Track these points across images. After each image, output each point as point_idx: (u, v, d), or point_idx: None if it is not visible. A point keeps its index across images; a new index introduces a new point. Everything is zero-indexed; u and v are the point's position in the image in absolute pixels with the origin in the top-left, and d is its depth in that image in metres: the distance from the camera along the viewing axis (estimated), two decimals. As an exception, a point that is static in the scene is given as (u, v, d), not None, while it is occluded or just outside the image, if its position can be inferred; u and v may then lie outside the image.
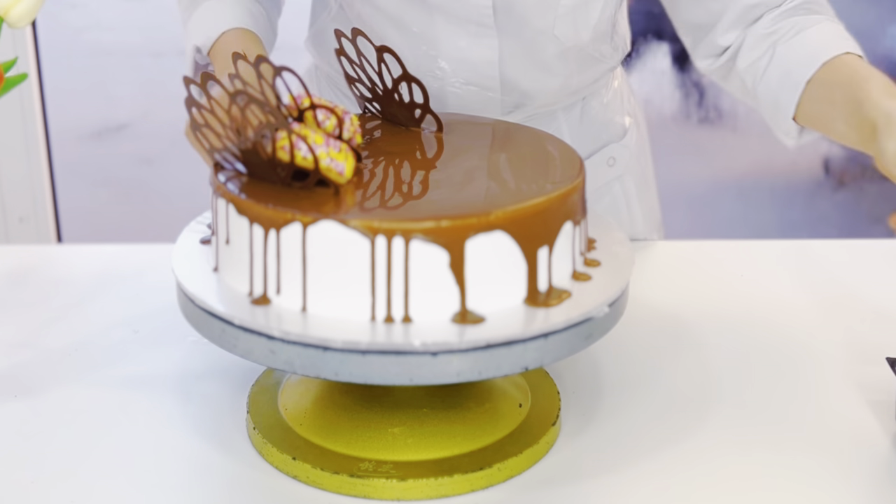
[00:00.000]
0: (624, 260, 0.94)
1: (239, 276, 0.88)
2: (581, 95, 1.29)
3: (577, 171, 0.93)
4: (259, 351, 0.83)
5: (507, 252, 0.85)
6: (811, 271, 1.26)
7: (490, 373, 0.83)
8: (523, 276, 0.86)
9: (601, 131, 1.32)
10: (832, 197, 3.42)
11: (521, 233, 0.85)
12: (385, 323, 0.83)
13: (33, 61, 2.35)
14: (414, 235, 0.82)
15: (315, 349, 0.82)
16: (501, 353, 0.82)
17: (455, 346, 0.81)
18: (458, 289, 0.84)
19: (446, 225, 0.82)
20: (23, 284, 1.22)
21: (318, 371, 0.82)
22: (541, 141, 1.01)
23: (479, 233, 0.83)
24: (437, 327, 0.83)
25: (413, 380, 0.82)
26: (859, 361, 1.07)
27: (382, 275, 0.83)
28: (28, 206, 2.41)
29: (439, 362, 0.81)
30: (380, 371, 0.82)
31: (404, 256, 0.82)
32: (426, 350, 0.81)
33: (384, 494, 0.88)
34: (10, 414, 0.99)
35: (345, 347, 0.81)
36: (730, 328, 1.14)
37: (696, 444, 0.95)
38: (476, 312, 0.84)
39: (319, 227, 0.83)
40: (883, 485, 0.91)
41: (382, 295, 0.83)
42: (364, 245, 0.82)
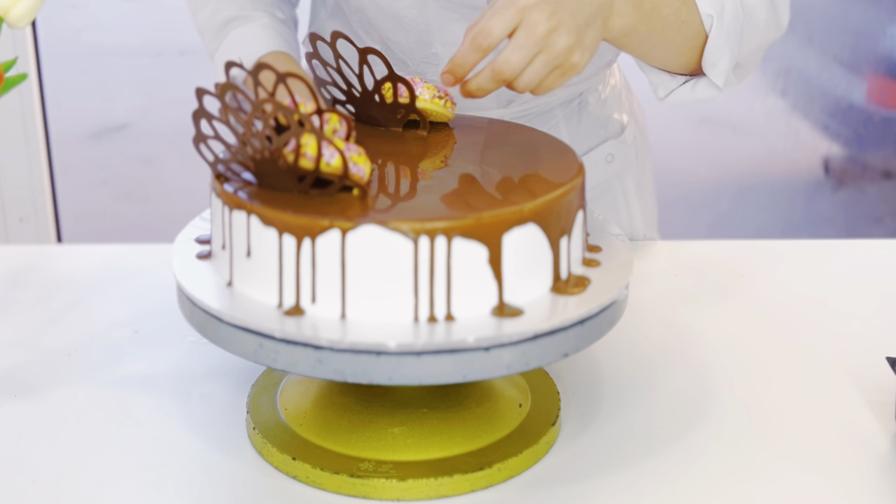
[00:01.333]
0: (622, 248, 0.96)
1: (265, 288, 0.86)
2: (578, 91, 1.29)
3: (576, 161, 0.95)
4: (305, 362, 0.82)
5: (537, 243, 0.86)
6: (811, 271, 1.26)
7: (535, 363, 0.84)
8: (549, 266, 0.88)
9: (599, 128, 1.32)
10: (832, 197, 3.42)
11: (548, 223, 0.87)
12: (429, 323, 0.83)
13: (33, 61, 2.35)
14: (456, 233, 0.82)
15: (367, 355, 0.81)
16: (546, 342, 0.84)
17: (505, 339, 0.82)
18: (496, 283, 0.85)
19: (487, 220, 0.83)
20: (23, 284, 1.22)
21: (369, 377, 0.81)
22: (530, 136, 1.02)
23: (515, 226, 0.84)
24: (481, 322, 0.83)
25: (466, 376, 0.82)
26: (859, 361, 1.07)
27: (425, 275, 0.83)
28: (28, 206, 2.41)
29: (491, 357, 0.82)
30: (434, 371, 0.82)
31: (447, 255, 0.82)
32: (479, 346, 0.82)
33: (384, 494, 0.88)
34: (10, 414, 0.99)
35: (399, 350, 0.81)
36: (730, 328, 1.14)
37: (696, 445, 0.95)
38: (512, 305, 0.85)
39: (360, 233, 0.82)
40: (883, 485, 0.91)
41: (425, 295, 0.83)
42: (407, 246, 0.82)
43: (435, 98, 1.01)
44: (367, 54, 0.99)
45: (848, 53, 3.46)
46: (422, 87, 1.01)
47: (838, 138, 3.52)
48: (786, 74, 3.55)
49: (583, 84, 1.29)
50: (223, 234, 0.89)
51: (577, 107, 1.30)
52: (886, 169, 3.50)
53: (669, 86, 1.12)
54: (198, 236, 0.97)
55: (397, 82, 1.00)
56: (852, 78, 3.46)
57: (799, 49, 3.53)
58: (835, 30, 3.49)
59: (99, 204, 3.44)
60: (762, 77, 3.55)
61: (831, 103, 3.51)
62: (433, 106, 1.01)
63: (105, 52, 4.49)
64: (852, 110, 3.47)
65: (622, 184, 1.35)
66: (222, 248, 0.90)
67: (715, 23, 1.06)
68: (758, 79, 3.53)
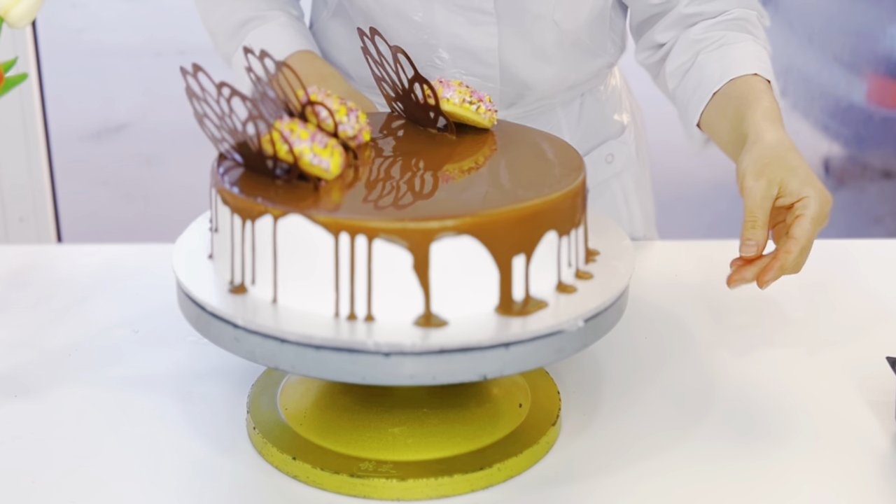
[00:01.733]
0: (620, 273, 0.93)
1: (224, 264, 0.90)
2: (579, 91, 1.30)
3: (573, 177, 0.91)
4: (226, 338, 0.85)
5: (478, 258, 0.84)
6: (811, 271, 1.26)
7: (445, 378, 0.82)
8: (496, 284, 0.85)
9: (600, 128, 1.33)
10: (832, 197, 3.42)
11: (492, 239, 0.84)
12: (347, 320, 0.84)
13: (33, 61, 2.35)
14: (377, 235, 0.82)
15: (273, 341, 0.83)
16: (457, 359, 0.82)
17: (408, 348, 0.81)
18: (423, 291, 0.83)
19: (410, 227, 0.82)
20: (23, 284, 1.22)
21: (276, 362, 0.83)
22: (544, 145, 1.00)
23: (445, 236, 0.82)
24: (396, 328, 0.83)
25: (366, 378, 0.82)
26: (859, 361, 1.07)
27: (346, 272, 0.83)
28: (28, 206, 2.41)
29: (391, 363, 0.82)
30: (334, 368, 0.82)
31: (367, 255, 0.82)
32: (378, 350, 0.81)
33: (384, 494, 0.88)
34: (10, 414, 0.99)
35: (299, 341, 0.82)
36: (729, 328, 1.14)
37: (696, 444, 0.95)
38: (441, 316, 0.84)
39: (288, 221, 0.84)
40: (883, 485, 0.91)
41: (346, 292, 0.84)
42: (328, 241, 0.83)
43: (465, 103, 0.98)
44: (397, 53, 0.99)
45: (848, 53, 3.46)
46: (453, 89, 0.99)
47: (838, 138, 3.52)
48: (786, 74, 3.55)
49: (584, 85, 1.29)
50: (213, 210, 0.93)
51: (578, 107, 1.31)
52: (886, 169, 3.50)
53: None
54: None
55: (422, 84, 0.99)
56: (852, 78, 3.46)
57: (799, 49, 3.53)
58: (835, 30, 3.49)
59: (99, 204, 3.44)
60: (762, 77, 3.54)
61: (831, 103, 3.51)
62: (462, 111, 0.99)
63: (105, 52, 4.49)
64: (852, 110, 3.47)
65: (622, 183, 1.35)
66: (209, 222, 0.94)
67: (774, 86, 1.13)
68: (758, 79, 3.52)
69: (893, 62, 3.45)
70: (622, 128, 1.35)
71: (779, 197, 1.01)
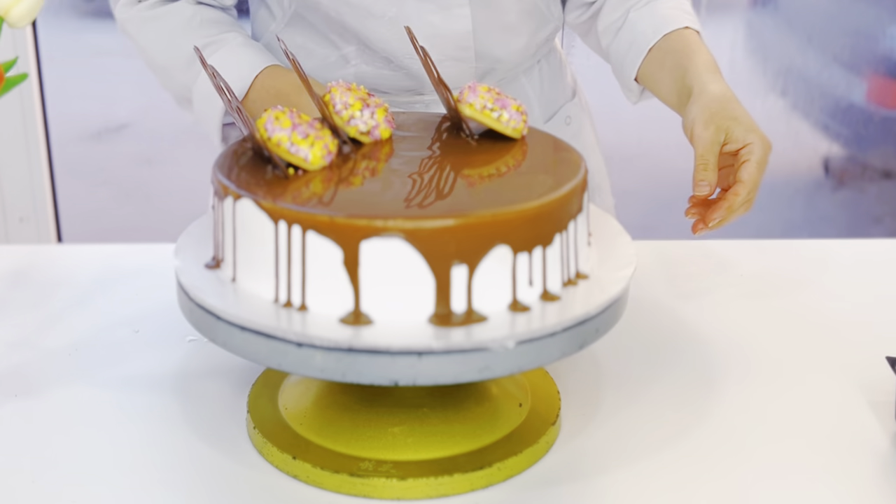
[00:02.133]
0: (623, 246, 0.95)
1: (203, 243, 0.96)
2: (536, 58, 1.33)
3: (545, 195, 0.87)
4: (183, 306, 0.91)
5: (409, 263, 0.83)
6: (812, 271, 1.26)
7: (352, 377, 0.82)
8: (431, 292, 0.84)
9: (558, 93, 1.37)
10: (832, 197, 3.42)
11: (425, 246, 0.83)
12: (285, 308, 0.86)
13: (33, 61, 2.35)
14: (311, 227, 0.83)
15: (208, 316, 0.86)
16: (366, 359, 0.82)
17: (318, 342, 0.82)
18: (353, 288, 0.84)
19: (339, 222, 0.83)
20: (23, 284, 1.22)
21: (213, 337, 0.87)
22: (556, 157, 0.98)
23: (374, 236, 0.83)
24: (322, 321, 0.84)
25: (281, 365, 0.84)
26: (859, 361, 1.07)
27: (284, 259, 0.85)
28: (28, 206, 2.41)
29: (303, 353, 0.83)
30: (253, 350, 0.84)
31: (301, 245, 0.84)
32: (290, 340, 0.83)
33: (384, 494, 0.88)
34: (10, 414, 0.99)
35: (231, 321, 0.85)
36: (729, 328, 1.14)
37: (695, 444, 0.95)
38: (369, 316, 0.84)
39: (242, 204, 0.87)
40: (883, 485, 0.91)
41: (284, 279, 0.86)
42: (269, 227, 0.85)
43: (486, 109, 0.97)
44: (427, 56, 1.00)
45: (848, 53, 3.46)
46: (477, 94, 0.98)
47: (838, 138, 3.52)
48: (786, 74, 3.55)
49: (540, 51, 1.33)
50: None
51: (538, 74, 1.34)
52: (886, 169, 3.50)
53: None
54: None
55: (441, 87, 0.99)
56: (852, 78, 3.46)
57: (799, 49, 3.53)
58: (835, 30, 3.49)
59: (99, 204, 3.44)
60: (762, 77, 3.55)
61: (831, 103, 3.51)
62: (482, 117, 0.97)
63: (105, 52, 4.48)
64: (852, 110, 3.47)
65: (581, 144, 1.38)
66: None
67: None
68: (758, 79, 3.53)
69: (893, 62, 3.45)
70: (573, 90, 1.41)
71: (725, 143, 1.08)
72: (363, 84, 1.24)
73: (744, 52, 3.78)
